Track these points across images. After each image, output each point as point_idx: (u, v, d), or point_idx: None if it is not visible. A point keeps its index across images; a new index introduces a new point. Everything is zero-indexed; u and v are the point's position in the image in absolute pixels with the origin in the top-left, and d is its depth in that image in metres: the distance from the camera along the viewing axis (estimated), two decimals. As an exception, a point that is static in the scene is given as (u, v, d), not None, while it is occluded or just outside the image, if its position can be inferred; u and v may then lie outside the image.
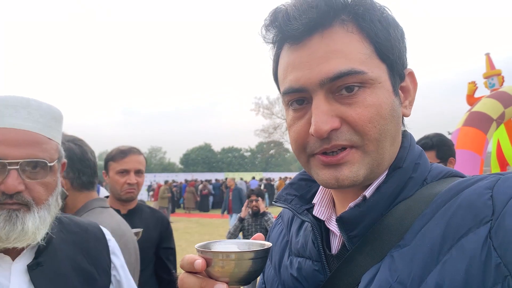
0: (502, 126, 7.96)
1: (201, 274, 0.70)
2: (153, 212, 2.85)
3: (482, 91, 8.73)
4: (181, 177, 35.77)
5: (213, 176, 37.08)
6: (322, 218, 0.84)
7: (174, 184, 27.09)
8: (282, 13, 0.74)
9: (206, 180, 28.63)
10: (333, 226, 0.82)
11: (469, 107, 8.04)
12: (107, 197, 2.73)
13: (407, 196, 0.74)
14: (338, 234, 0.80)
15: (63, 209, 1.81)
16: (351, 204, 0.76)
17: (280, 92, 0.83)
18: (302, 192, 0.93)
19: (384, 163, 0.75)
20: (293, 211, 0.87)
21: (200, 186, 25.01)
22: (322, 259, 0.80)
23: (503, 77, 8.66)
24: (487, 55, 8.91)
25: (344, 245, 0.77)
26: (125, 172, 2.56)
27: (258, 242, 0.76)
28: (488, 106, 7.38)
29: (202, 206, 24.14)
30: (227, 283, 0.67)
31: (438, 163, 2.15)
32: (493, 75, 8.70)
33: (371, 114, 0.71)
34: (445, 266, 0.62)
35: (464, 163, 6.46)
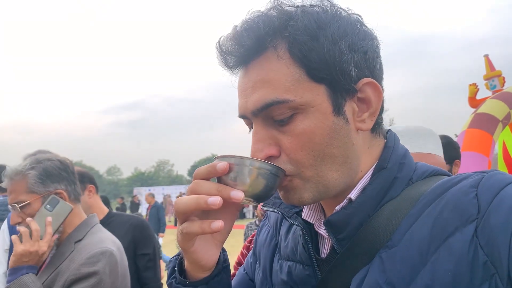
0: (507, 128, 7.88)
1: None
2: (128, 219, 2.78)
3: (483, 93, 8.66)
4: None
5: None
6: (311, 222, 0.84)
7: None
8: (221, 46, 0.75)
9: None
10: (322, 230, 0.81)
11: (472, 109, 7.98)
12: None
13: (393, 196, 0.74)
14: (327, 238, 0.80)
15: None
16: (337, 207, 0.76)
17: None
18: None
19: (332, 183, 0.73)
20: (282, 215, 0.86)
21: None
22: (313, 263, 0.80)
23: (503, 78, 8.58)
24: (486, 56, 8.86)
25: (333, 248, 0.76)
26: None
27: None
28: (493, 107, 7.31)
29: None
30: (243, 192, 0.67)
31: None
32: (493, 76, 8.62)
33: (303, 142, 0.70)
34: (433, 266, 0.62)
35: (471, 165, 6.39)
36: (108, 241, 1.79)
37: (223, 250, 0.85)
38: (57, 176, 1.77)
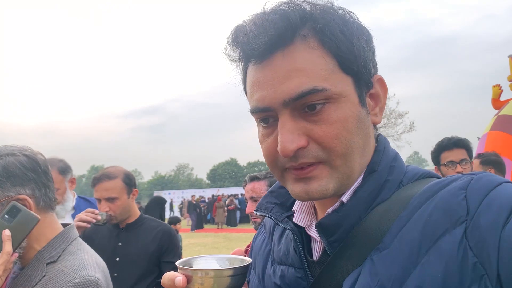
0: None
1: None
2: (158, 225, 2.85)
3: (507, 94, 8.45)
4: (208, 193, 36.03)
5: (240, 191, 37.16)
6: (302, 225, 0.84)
7: (202, 199, 27.35)
8: (242, 33, 0.73)
9: (232, 195, 28.74)
10: (313, 232, 0.82)
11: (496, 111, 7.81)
12: None
13: (384, 199, 0.75)
14: (319, 240, 0.81)
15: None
16: (329, 210, 0.77)
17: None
18: (282, 200, 0.93)
19: (354, 175, 0.75)
20: (273, 219, 0.87)
21: (227, 201, 25.12)
22: (304, 266, 0.80)
23: (528, 79, 8.36)
24: (511, 57, 8.66)
25: (325, 251, 0.77)
26: (97, 200, 2.65)
27: (238, 257, 0.78)
28: (517, 109, 7.14)
29: (230, 221, 24.19)
30: None
31: (469, 161, 2.43)
32: (518, 77, 8.41)
33: (337, 130, 0.71)
34: (424, 268, 0.63)
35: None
36: (92, 266, 1.39)
37: None
38: (21, 177, 1.34)
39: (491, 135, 6.98)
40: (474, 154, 3.42)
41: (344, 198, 0.76)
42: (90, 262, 1.40)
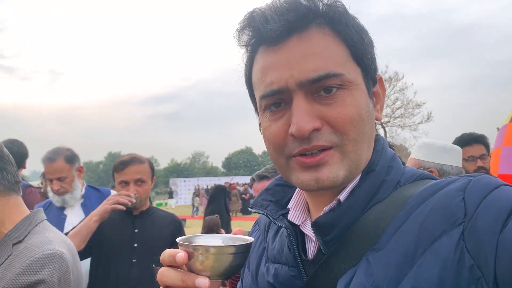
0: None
1: (181, 268, 0.71)
2: (166, 214, 2.93)
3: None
4: (223, 181, 36.26)
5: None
6: (297, 223, 0.84)
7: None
8: (259, 15, 0.74)
9: (247, 184, 28.88)
10: (308, 231, 0.81)
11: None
12: None
13: (381, 199, 0.74)
14: (314, 239, 0.80)
15: None
16: (326, 209, 0.76)
17: (252, 96, 0.84)
18: (278, 197, 0.92)
19: (361, 165, 0.76)
20: (268, 217, 0.87)
21: (241, 189, 25.29)
22: (298, 264, 0.79)
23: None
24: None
25: (320, 250, 0.76)
26: (124, 183, 2.65)
27: (241, 237, 0.78)
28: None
29: (245, 209, 24.36)
30: (208, 277, 0.67)
31: (487, 155, 2.52)
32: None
33: (351, 113, 0.71)
34: (419, 269, 0.62)
35: (513, 161, 6.14)
36: (57, 241, 1.42)
37: None
38: None
39: (510, 127, 6.83)
40: (493, 145, 3.43)
41: (342, 197, 0.75)
42: (55, 239, 1.42)
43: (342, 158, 0.73)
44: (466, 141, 3.20)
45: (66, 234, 2.39)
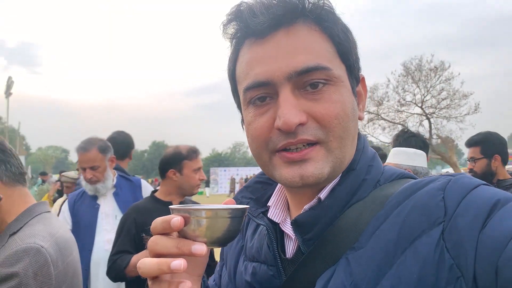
0: None
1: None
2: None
3: None
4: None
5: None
6: (276, 221, 0.83)
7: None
8: (246, 8, 0.73)
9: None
10: (288, 229, 0.80)
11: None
12: (154, 191, 2.90)
13: (361, 198, 0.74)
14: (293, 238, 0.79)
15: None
16: (306, 207, 0.75)
17: (235, 91, 0.83)
18: (258, 195, 0.91)
19: (345, 163, 0.75)
20: (248, 214, 0.86)
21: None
22: (277, 263, 0.78)
23: None
24: None
25: (299, 249, 0.75)
26: (198, 170, 2.80)
27: (235, 206, 0.74)
28: None
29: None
30: (204, 243, 0.64)
31: (481, 158, 2.63)
32: None
33: (337, 110, 0.71)
34: (399, 268, 0.62)
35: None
36: (41, 235, 1.42)
37: (204, 278, 0.83)
38: None
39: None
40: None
41: (322, 195, 0.75)
42: (41, 232, 1.43)
43: (327, 154, 0.72)
44: (466, 144, 3.48)
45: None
